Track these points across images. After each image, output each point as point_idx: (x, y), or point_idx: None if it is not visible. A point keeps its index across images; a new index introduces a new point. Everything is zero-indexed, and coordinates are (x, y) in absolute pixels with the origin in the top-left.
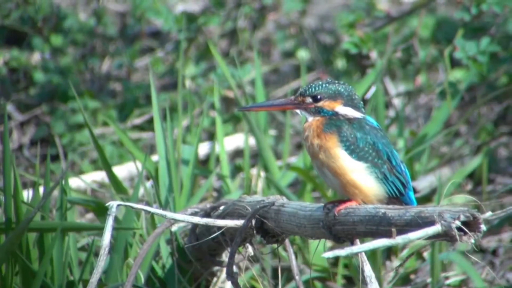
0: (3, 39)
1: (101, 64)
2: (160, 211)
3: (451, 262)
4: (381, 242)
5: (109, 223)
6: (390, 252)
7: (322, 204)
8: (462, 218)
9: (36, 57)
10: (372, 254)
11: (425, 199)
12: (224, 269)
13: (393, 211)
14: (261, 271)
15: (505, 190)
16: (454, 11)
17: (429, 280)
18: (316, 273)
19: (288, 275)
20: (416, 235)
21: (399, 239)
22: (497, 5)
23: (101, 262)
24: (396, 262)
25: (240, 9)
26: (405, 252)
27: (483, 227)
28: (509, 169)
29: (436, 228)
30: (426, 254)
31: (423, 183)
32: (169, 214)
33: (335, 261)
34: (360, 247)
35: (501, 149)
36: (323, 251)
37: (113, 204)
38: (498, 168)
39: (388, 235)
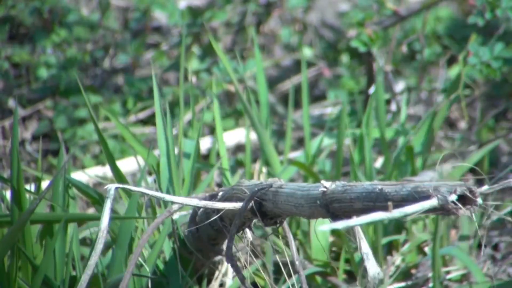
0: (5, 33)
1: (104, 57)
2: (159, 194)
3: (452, 256)
4: (378, 216)
5: (107, 205)
6: (391, 247)
7: (320, 184)
8: (459, 191)
9: (38, 52)
10: (373, 248)
11: None
12: (225, 262)
13: (389, 187)
14: (262, 266)
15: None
16: (461, 10)
17: (430, 274)
18: (317, 268)
19: (288, 270)
20: (413, 209)
21: (395, 213)
22: None
23: (100, 244)
24: (397, 257)
25: (246, 5)
26: (406, 247)
27: (479, 200)
28: (510, 165)
29: (432, 202)
30: (427, 249)
31: (424, 179)
32: (167, 196)
33: (337, 256)
34: (356, 220)
35: (503, 144)
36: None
37: (111, 187)
38: (499, 164)
39: (385, 210)
